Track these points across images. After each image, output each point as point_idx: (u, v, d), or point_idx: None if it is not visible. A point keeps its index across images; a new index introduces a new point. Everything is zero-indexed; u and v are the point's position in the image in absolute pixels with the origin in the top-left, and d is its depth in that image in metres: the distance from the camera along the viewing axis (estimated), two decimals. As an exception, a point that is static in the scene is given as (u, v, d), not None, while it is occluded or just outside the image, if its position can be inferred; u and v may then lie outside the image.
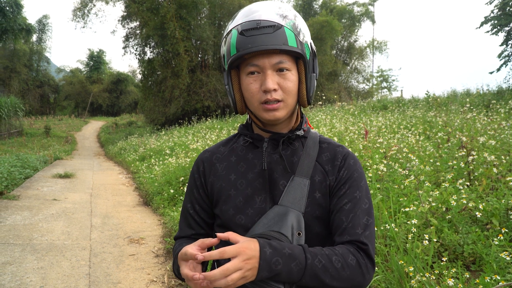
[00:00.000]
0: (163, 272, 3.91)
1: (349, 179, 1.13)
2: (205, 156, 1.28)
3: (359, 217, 1.08)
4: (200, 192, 1.25)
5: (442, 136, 5.68)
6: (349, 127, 7.22)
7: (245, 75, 1.12)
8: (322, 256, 0.98)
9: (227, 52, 1.13)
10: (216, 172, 1.22)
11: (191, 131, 13.96)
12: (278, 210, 1.09)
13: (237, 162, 1.21)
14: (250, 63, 1.10)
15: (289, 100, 1.12)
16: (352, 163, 1.16)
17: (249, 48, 1.06)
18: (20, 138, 22.40)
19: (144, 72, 23.92)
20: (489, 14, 13.29)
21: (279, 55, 1.09)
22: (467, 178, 3.94)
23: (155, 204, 6.56)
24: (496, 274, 2.26)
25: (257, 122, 1.19)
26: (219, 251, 0.90)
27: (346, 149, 1.20)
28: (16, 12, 31.33)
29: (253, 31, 1.07)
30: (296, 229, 1.06)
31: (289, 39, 1.08)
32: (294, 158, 1.17)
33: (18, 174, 8.91)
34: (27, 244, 4.53)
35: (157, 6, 20.66)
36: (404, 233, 2.87)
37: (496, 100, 9.43)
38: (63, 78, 50.89)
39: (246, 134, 1.23)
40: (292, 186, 1.12)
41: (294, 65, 1.12)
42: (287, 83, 1.10)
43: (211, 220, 1.26)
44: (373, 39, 34.11)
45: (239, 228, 1.13)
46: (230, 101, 1.19)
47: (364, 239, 1.05)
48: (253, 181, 1.16)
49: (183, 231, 1.28)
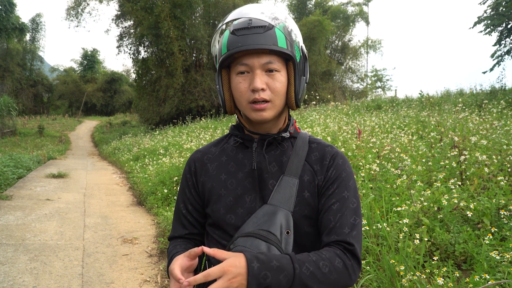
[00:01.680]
0: (157, 272, 3.90)
1: (337, 178, 1.14)
2: (197, 156, 1.29)
3: (346, 217, 1.09)
4: (192, 192, 1.26)
5: (435, 135, 5.72)
6: (342, 127, 7.24)
7: (235, 75, 1.13)
8: (310, 263, 0.99)
9: (218, 51, 1.15)
10: (207, 172, 1.24)
11: (185, 131, 13.94)
12: (267, 209, 1.10)
13: (228, 162, 1.22)
14: (240, 62, 1.11)
15: (277, 101, 1.13)
16: (341, 162, 1.17)
17: (239, 47, 1.08)
18: (13, 137, 22.22)
19: (138, 72, 23.80)
20: (482, 14, 13.37)
21: (269, 56, 1.10)
22: (459, 177, 3.97)
23: (149, 204, 6.54)
24: (486, 273, 2.29)
25: (244, 122, 1.20)
26: (203, 275, 0.91)
27: (335, 148, 1.21)
28: (9, 11, 31.09)
29: (244, 31, 1.09)
30: (285, 228, 1.07)
31: (279, 40, 1.09)
32: (283, 158, 1.18)
33: (11, 174, 8.85)
34: (20, 244, 4.50)
35: (151, 5, 20.57)
36: (396, 233, 2.89)
37: (488, 100, 9.51)
38: (57, 78, 50.55)
39: (236, 135, 1.24)
40: (281, 186, 1.13)
41: (284, 66, 1.13)
42: (275, 83, 1.11)
43: (204, 219, 1.27)
44: (367, 39, 34.20)
45: (230, 227, 1.14)
46: (220, 101, 1.20)
47: (350, 240, 1.06)
48: (243, 181, 1.17)
49: (176, 231, 1.29)
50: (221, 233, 1.17)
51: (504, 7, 12.63)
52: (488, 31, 13.39)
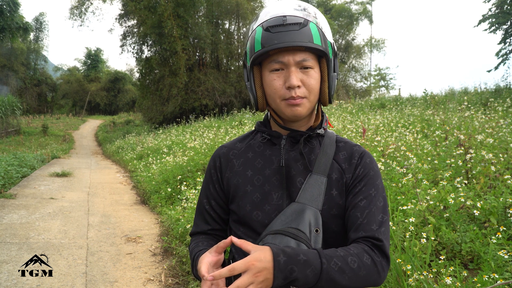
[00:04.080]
0: (160, 271, 3.89)
1: (365, 177, 1.14)
2: (222, 151, 1.27)
3: (374, 214, 1.08)
4: (216, 188, 1.25)
5: (440, 134, 5.68)
6: (346, 126, 7.21)
7: (269, 72, 1.12)
8: (338, 258, 0.97)
9: (250, 48, 1.13)
10: (233, 167, 1.22)
11: (188, 130, 13.93)
12: (295, 207, 1.09)
13: (254, 158, 1.21)
14: (274, 59, 1.10)
15: (311, 98, 1.12)
16: (369, 161, 1.17)
17: (275, 44, 1.06)
18: (18, 137, 22.31)
19: (142, 71, 23.86)
20: (487, 12, 13.32)
21: (304, 53, 1.09)
22: (465, 176, 3.94)
23: (153, 203, 6.54)
24: (494, 273, 2.26)
25: (277, 119, 1.18)
26: (228, 269, 0.89)
27: (362, 148, 1.21)
28: (13, 11, 31.18)
29: (279, 28, 1.07)
30: (313, 226, 1.06)
31: (315, 37, 1.08)
32: (311, 156, 1.17)
33: (15, 173, 8.88)
34: (24, 243, 4.50)
35: (154, 4, 20.60)
36: (401, 232, 2.86)
37: (494, 98, 9.43)
38: (61, 77, 50.82)
39: (263, 131, 1.23)
40: (309, 184, 1.12)
41: (317, 63, 1.12)
42: (310, 80, 1.10)
43: (227, 216, 1.26)
44: (370, 37, 34.16)
45: (256, 224, 1.13)
46: (251, 98, 1.19)
47: (379, 235, 1.05)
48: (270, 178, 1.16)
49: (199, 227, 1.28)
50: (246, 230, 1.16)
51: (509, 5, 12.55)
52: (493, 29, 13.33)
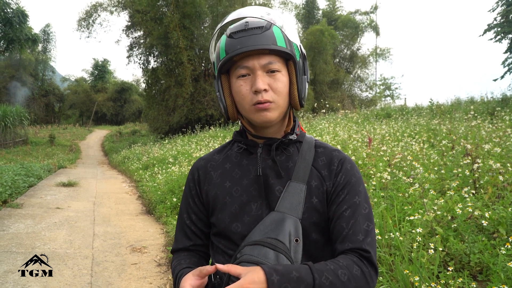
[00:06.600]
0: (165, 282, 3.87)
1: (347, 184, 1.11)
2: (200, 164, 1.25)
3: (359, 223, 1.06)
4: (196, 201, 1.22)
5: (447, 144, 5.64)
6: (352, 135, 7.19)
7: (236, 78, 1.10)
8: (328, 272, 0.96)
9: (216, 57, 1.12)
10: (211, 180, 1.20)
11: (194, 140, 13.97)
12: (274, 216, 1.07)
13: (232, 169, 1.18)
14: (240, 65, 1.08)
15: (280, 102, 1.09)
16: (349, 167, 1.14)
17: (238, 49, 1.05)
18: (25, 146, 22.48)
19: (148, 81, 24.02)
20: (492, 22, 13.32)
21: (269, 56, 1.07)
22: (472, 186, 3.90)
23: (158, 212, 6.53)
24: (503, 284, 2.22)
25: (248, 127, 1.16)
26: None
27: (342, 153, 1.18)
28: (22, 22, 31.63)
29: (242, 33, 1.06)
30: (293, 236, 1.04)
31: (278, 40, 1.06)
32: (289, 163, 1.14)
33: (22, 183, 8.92)
34: (30, 252, 4.51)
35: (161, 16, 20.81)
36: (409, 242, 2.83)
37: (500, 108, 9.38)
38: (68, 87, 51.22)
39: (240, 141, 1.20)
40: (288, 192, 1.09)
41: (284, 66, 1.11)
42: (277, 84, 1.08)
43: (208, 229, 1.23)
44: (375, 47, 34.18)
45: (236, 236, 1.10)
46: (221, 108, 1.16)
47: (366, 247, 1.03)
48: (249, 188, 1.13)
49: (180, 243, 1.25)
50: (227, 242, 1.13)
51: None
52: (499, 38, 13.32)
